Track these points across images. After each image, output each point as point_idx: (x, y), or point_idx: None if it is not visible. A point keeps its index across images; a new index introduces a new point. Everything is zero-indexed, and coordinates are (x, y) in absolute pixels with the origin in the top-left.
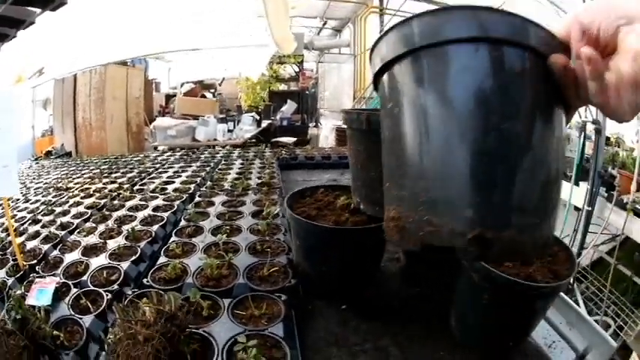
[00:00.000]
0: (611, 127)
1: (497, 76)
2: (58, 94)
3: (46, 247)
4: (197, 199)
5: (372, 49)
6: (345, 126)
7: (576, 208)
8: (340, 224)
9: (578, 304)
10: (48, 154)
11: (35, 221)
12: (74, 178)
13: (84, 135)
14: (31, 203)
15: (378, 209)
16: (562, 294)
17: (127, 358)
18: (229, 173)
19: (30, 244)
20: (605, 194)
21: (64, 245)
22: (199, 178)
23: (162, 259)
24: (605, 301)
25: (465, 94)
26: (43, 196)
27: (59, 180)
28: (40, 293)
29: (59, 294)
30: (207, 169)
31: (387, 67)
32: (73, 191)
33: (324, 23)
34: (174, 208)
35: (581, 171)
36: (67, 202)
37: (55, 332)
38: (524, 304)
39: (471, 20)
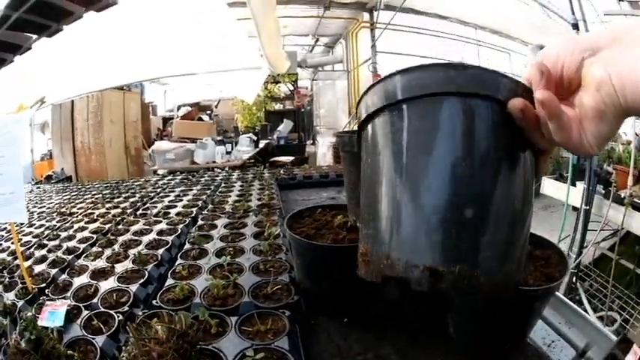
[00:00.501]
0: None
1: (462, 127)
2: (56, 119)
3: (54, 271)
4: (200, 222)
5: (358, 103)
6: (339, 148)
7: (574, 208)
8: (338, 242)
9: (581, 302)
10: (48, 178)
11: (41, 245)
12: (77, 203)
13: (83, 159)
14: (35, 228)
15: None
16: (560, 295)
17: None
18: (230, 196)
19: (38, 268)
20: (603, 191)
21: (72, 269)
22: (201, 202)
23: (169, 281)
24: (609, 297)
25: (427, 146)
26: (47, 221)
27: (62, 205)
28: (52, 315)
29: (70, 316)
30: (208, 192)
31: (367, 119)
32: (76, 216)
33: (317, 40)
34: (178, 232)
35: (577, 171)
36: (72, 227)
37: (69, 352)
38: (518, 307)
39: (439, 76)
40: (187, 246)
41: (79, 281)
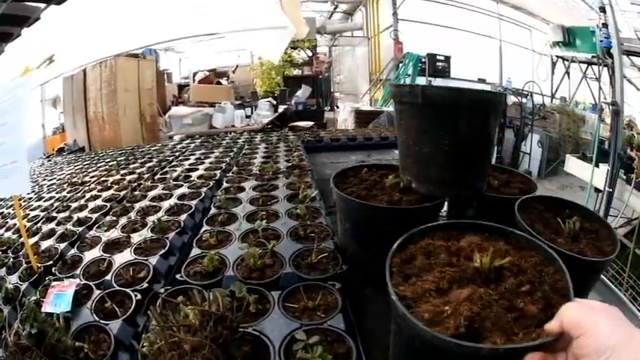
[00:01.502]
0: (625, 109)
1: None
2: (68, 91)
3: (62, 245)
4: (225, 184)
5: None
6: (394, 100)
7: (597, 190)
8: (394, 204)
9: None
10: (60, 150)
11: (49, 219)
12: (89, 172)
13: (96, 129)
14: (44, 201)
15: (432, 187)
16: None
17: None
18: (255, 157)
19: (45, 244)
20: (624, 177)
21: (83, 242)
22: (224, 164)
23: (195, 251)
24: (625, 285)
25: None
26: (57, 193)
27: (74, 175)
28: (58, 298)
29: (80, 297)
30: (231, 154)
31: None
32: (89, 185)
33: (335, 7)
34: (202, 196)
35: (600, 153)
36: (84, 196)
37: (77, 343)
38: (578, 276)
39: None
40: (213, 210)
41: (89, 255)
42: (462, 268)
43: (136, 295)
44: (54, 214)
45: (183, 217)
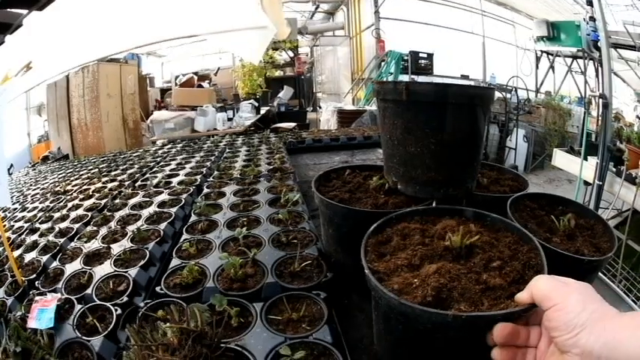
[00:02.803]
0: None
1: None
2: (52, 98)
3: (45, 258)
4: (205, 190)
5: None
6: (377, 98)
7: (586, 183)
8: (379, 207)
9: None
10: (45, 159)
11: (33, 230)
12: (72, 180)
13: (80, 136)
14: (28, 211)
15: (419, 189)
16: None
17: None
18: (236, 161)
19: (28, 257)
20: (614, 169)
21: (64, 254)
22: (205, 169)
23: (175, 261)
24: (618, 277)
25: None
26: (40, 203)
27: (56, 184)
28: (42, 313)
29: (62, 312)
30: (212, 158)
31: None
32: (71, 194)
33: (317, 7)
34: (182, 202)
35: (589, 146)
36: (66, 206)
37: None
38: (576, 276)
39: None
40: (193, 218)
41: (71, 268)
42: (433, 246)
43: (116, 310)
44: (37, 225)
45: (162, 225)
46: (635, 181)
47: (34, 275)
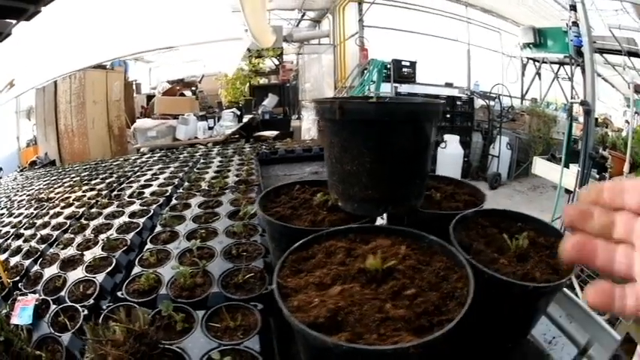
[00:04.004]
0: (599, 108)
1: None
2: (40, 103)
3: (27, 262)
4: (173, 201)
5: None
6: (318, 116)
7: (567, 191)
8: (316, 224)
9: (573, 287)
10: (32, 163)
11: (18, 236)
12: (55, 188)
13: (67, 142)
14: (14, 217)
15: (357, 206)
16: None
17: None
18: (207, 172)
19: (13, 260)
20: (597, 176)
21: (44, 259)
22: (177, 179)
23: (136, 269)
24: None
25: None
26: (25, 209)
27: (41, 191)
28: (23, 311)
29: (40, 311)
30: (186, 169)
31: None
32: (53, 201)
33: (303, 15)
34: (151, 213)
35: (571, 153)
36: (48, 213)
37: (37, 352)
38: (522, 304)
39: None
40: (158, 228)
41: (49, 272)
42: (351, 267)
43: (83, 311)
44: (22, 231)
45: (130, 235)
46: None
47: (18, 277)
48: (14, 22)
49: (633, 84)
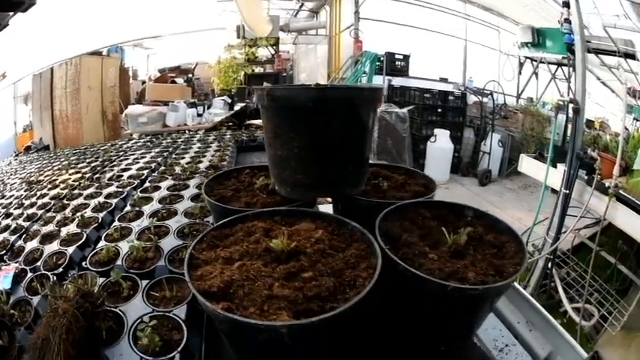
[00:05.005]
0: (598, 112)
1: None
2: (37, 89)
3: (13, 238)
4: (146, 184)
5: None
6: (258, 104)
7: (554, 191)
8: (251, 206)
9: (557, 291)
10: (28, 149)
11: (7, 215)
12: (45, 171)
13: (61, 127)
14: (5, 199)
15: (290, 190)
16: (521, 289)
17: (46, 327)
18: (184, 157)
19: (1, 237)
20: (585, 177)
21: (27, 235)
22: (155, 164)
23: (101, 244)
24: (587, 289)
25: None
26: (17, 191)
27: (32, 174)
28: (5, 279)
29: (18, 279)
30: (165, 154)
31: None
32: (42, 184)
33: (301, 5)
34: (124, 195)
35: (560, 153)
36: (35, 194)
37: (12, 311)
38: (445, 304)
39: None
40: (127, 208)
41: (30, 246)
42: (260, 246)
43: (53, 277)
44: (11, 211)
45: (102, 214)
46: (607, 191)
47: (4, 251)
48: (10, 14)
49: (631, 88)
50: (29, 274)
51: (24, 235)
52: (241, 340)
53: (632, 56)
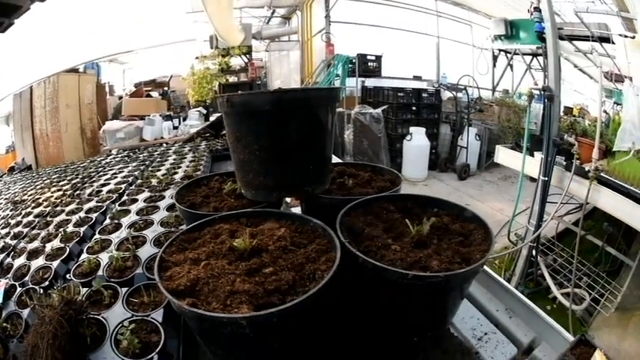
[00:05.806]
0: (577, 99)
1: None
2: (17, 109)
3: (1, 256)
4: (124, 197)
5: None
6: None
7: (533, 179)
8: (218, 210)
9: (544, 278)
10: (11, 169)
11: None
12: (29, 191)
13: (42, 146)
14: None
15: (255, 192)
16: (498, 278)
17: (35, 334)
18: (160, 170)
19: None
20: (564, 163)
21: (15, 252)
22: (132, 177)
23: (83, 256)
24: (575, 273)
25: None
26: (2, 211)
27: (16, 194)
28: None
29: (9, 294)
30: (142, 167)
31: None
32: (26, 203)
33: (273, 12)
34: (104, 209)
35: (537, 141)
36: (21, 213)
37: (5, 324)
38: (407, 293)
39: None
40: (107, 221)
41: (17, 262)
42: (225, 246)
43: (40, 290)
44: None
45: (84, 228)
46: (587, 174)
47: None
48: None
49: (608, 72)
50: (18, 289)
51: (12, 253)
52: (210, 334)
53: (607, 39)
